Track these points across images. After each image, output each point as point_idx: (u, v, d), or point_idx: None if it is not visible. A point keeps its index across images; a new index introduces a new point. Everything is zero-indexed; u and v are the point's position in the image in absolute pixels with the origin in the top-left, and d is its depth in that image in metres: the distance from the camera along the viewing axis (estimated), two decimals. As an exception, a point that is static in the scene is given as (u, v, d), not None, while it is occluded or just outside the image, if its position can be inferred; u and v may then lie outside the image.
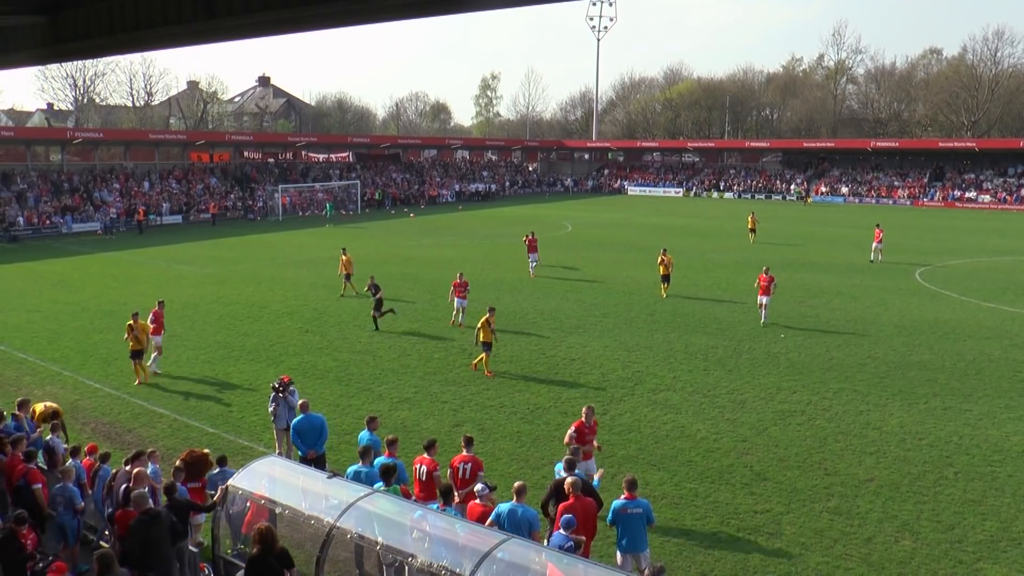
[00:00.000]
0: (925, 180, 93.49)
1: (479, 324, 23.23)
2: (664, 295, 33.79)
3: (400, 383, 22.19)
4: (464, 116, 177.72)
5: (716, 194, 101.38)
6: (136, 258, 46.89)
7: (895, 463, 16.74)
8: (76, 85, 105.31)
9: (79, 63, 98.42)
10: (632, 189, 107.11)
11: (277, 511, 11.19)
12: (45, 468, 13.72)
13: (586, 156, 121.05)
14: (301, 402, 15.55)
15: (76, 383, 22.27)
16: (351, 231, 61.08)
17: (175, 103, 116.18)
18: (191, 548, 11.84)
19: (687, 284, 35.75)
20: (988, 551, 13.21)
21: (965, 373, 23.11)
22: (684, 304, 32.61)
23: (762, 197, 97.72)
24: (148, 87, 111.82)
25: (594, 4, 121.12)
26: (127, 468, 12.27)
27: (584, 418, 14.84)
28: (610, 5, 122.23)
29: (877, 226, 46.06)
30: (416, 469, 12.98)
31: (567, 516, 10.61)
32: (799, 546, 13.38)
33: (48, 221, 61.11)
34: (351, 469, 12.80)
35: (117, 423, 19.21)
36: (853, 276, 39.69)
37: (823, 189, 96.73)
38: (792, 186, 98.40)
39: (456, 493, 12.11)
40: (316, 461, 14.45)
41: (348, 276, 34.69)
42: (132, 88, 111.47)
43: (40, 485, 12.37)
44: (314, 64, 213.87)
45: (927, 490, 15.46)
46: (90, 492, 13.11)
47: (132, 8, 12.46)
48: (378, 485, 11.84)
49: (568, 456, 12.52)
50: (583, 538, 10.82)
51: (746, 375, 22.95)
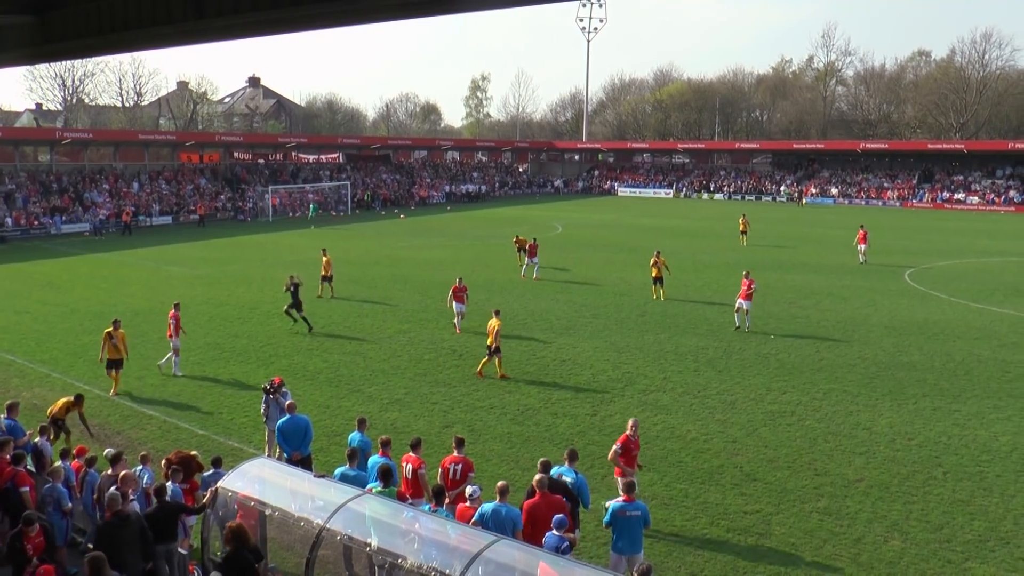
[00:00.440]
0: (914, 181, 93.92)
1: (496, 329, 22.82)
2: (662, 297, 33.56)
3: (390, 384, 22.16)
4: (454, 117, 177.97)
5: (706, 195, 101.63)
6: (126, 259, 46.71)
7: (884, 463, 16.81)
8: (65, 85, 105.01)
9: (68, 63, 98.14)
10: (622, 190, 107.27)
11: (267, 512, 11.17)
12: (34, 471, 13.65)
13: (576, 157, 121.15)
14: (288, 403, 15.47)
15: (65, 385, 22.14)
16: (336, 232, 60.97)
17: (165, 104, 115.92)
18: (181, 551, 11.79)
19: (677, 285, 35.77)
20: (976, 551, 13.27)
21: (954, 374, 23.22)
22: (674, 305, 32.65)
23: (752, 198, 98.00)
24: (138, 87, 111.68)
25: (584, 5, 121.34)
26: (110, 472, 12.28)
27: (630, 432, 14.17)
28: (600, 6, 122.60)
29: (861, 227, 46.10)
30: (403, 467, 13.02)
31: (558, 516, 10.60)
32: (789, 546, 13.42)
33: (37, 222, 60.81)
34: (338, 471, 12.77)
35: (106, 425, 19.13)
36: (843, 277, 39.83)
37: (813, 190, 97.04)
38: (782, 187, 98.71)
39: (447, 494, 12.10)
40: (302, 463, 14.38)
41: (327, 278, 34.23)
42: (121, 88, 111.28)
43: (28, 488, 12.31)
44: (304, 65, 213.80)
45: (916, 490, 15.52)
46: (79, 495, 13.06)
47: (121, 8, 12.43)
48: (374, 485, 11.86)
49: (543, 459, 12.47)
50: (575, 536, 10.82)
51: (736, 376, 23.00)
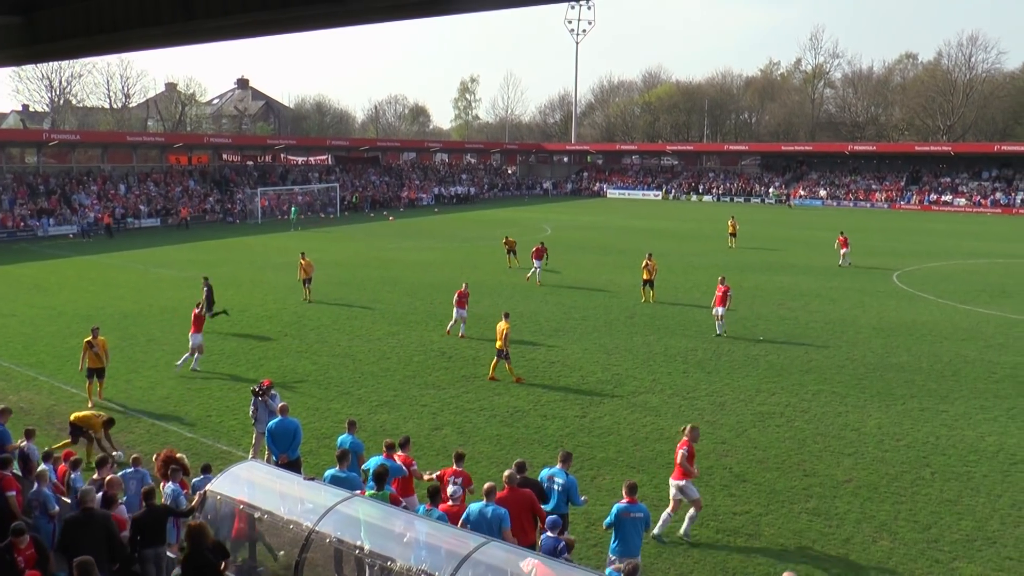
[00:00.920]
0: (902, 183, 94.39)
1: (505, 332, 22.72)
2: (651, 299, 33.56)
3: (379, 386, 22.11)
4: (443, 119, 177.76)
5: (695, 197, 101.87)
6: (114, 261, 46.48)
7: (873, 464, 16.88)
8: (52, 86, 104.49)
9: (55, 64, 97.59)
10: (611, 192, 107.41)
11: (256, 516, 11.13)
12: (20, 475, 13.55)
13: (565, 159, 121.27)
14: (281, 405, 15.42)
15: (52, 388, 22.02)
16: (324, 234, 60.81)
17: (153, 105, 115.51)
18: (169, 555, 11.73)
19: (666, 287, 35.83)
20: (964, 550, 13.34)
21: (942, 375, 23.33)
22: (663, 307, 32.71)
23: (741, 200, 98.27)
24: (125, 89, 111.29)
25: (572, 7, 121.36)
26: (95, 476, 12.26)
27: (691, 438, 13.90)
28: (588, 8, 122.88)
29: (841, 233, 45.89)
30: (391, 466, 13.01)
31: (552, 517, 10.60)
32: (778, 547, 13.46)
33: (23, 224, 60.48)
34: (329, 472, 12.75)
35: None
36: (831, 279, 39.97)
37: (801, 192, 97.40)
38: (771, 189, 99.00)
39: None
40: (290, 466, 14.34)
41: (307, 281, 33.97)
42: (109, 90, 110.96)
43: (14, 492, 12.21)
44: (293, 66, 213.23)
45: (904, 490, 15.59)
46: (68, 500, 12.98)
47: (110, 9, 12.34)
48: (369, 489, 11.87)
49: (519, 460, 12.54)
50: (573, 538, 10.84)
51: (725, 377, 23.05)
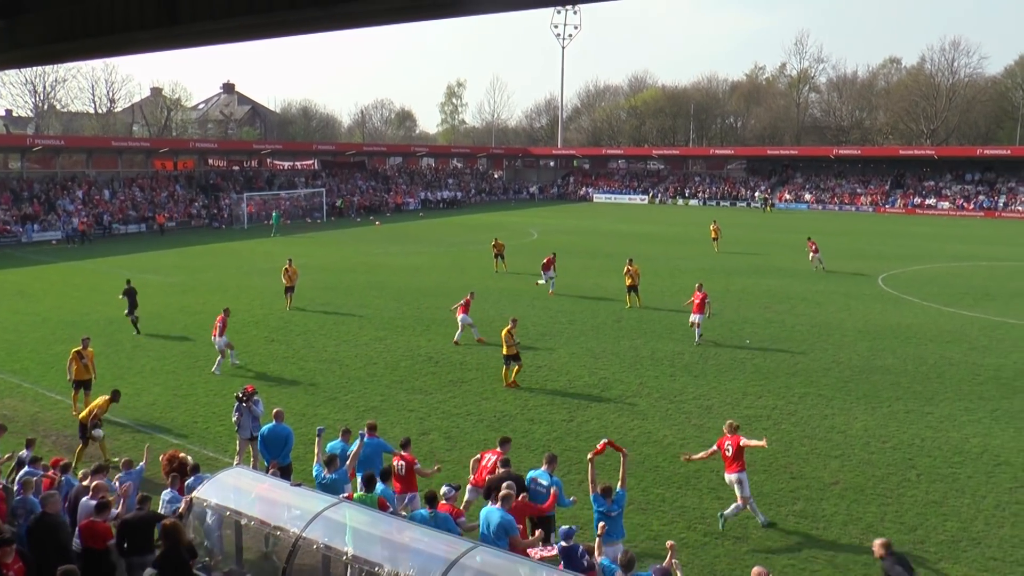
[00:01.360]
0: (887, 187, 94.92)
1: (504, 334, 22.74)
2: (637, 304, 33.27)
3: (366, 392, 22.07)
4: (429, 124, 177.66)
5: (681, 201, 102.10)
6: (99, 267, 46.20)
7: (859, 466, 16.95)
8: (36, 91, 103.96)
9: (39, 69, 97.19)
10: (597, 196, 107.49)
11: (243, 522, 11.09)
12: (5, 484, 13.44)
13: (551, 163, 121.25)
14: (276, 411, 15.44)
15: (36, 395, 21.86)
16: (310, 239, 60.61)
17: (138, 110, 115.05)
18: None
19: (653, 291, 35.88)
20: (949, 551, 13.42)
21: (927, 377, 23.47)
22: (650, 311, 32.75)
23: (727, 204, 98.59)
24: (110, 94, 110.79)
25: (559, 12, 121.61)
26: (83, 483, 12.21)
27: (734, 435, 14.70)
28: (575, 13, 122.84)
29: (809, 239, 45.85)
30: (395, 465, 13.45)
31: (564, 528, 10.82)
32: (765, 549, 13.50)
33: (7, 230, 60.07)
34: (316, 470, 13.00)
35: (78, 436, 18.85)
36: (817, 282, 40.14)
37: (787, 196, 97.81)
38: (756, 193, 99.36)
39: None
40: (282, 472, 14.35)
41: (290, 289, 33.29)
42: (94, 95, 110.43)
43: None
44: (279, 71, 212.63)
45: (891, 492, 15.68)
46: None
47: (94, 13, 12.30)
48: (358, 494, 11.93)
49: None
50: (592, 545, 11.01)
51: (712, 381, 23.11)
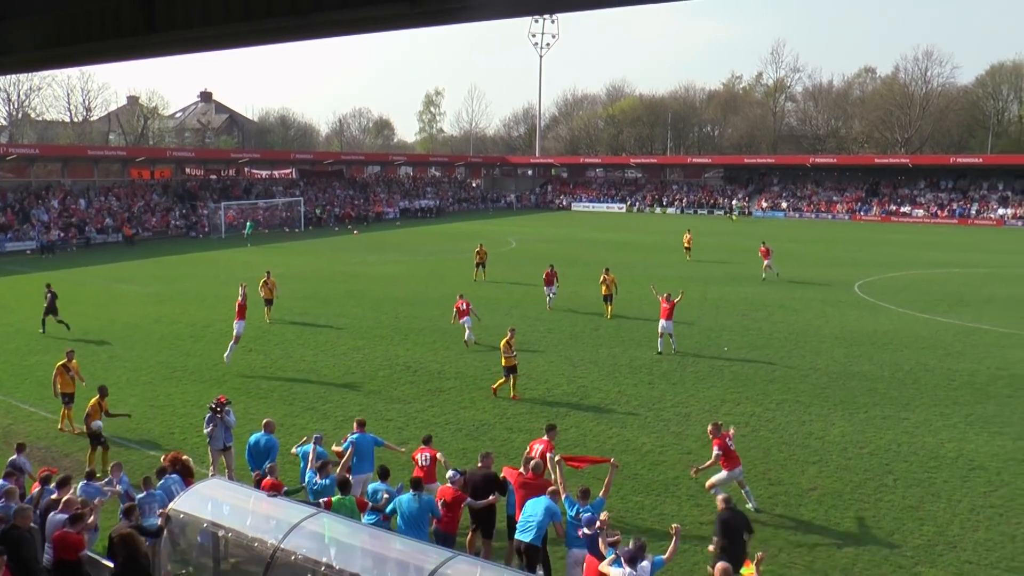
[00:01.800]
0: (862, 195, 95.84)
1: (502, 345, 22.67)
2: (608, 316, 32.94)
3: (345, 402, 21.98)
4: (408, 132, 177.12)
5: (659, 209, 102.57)
6: (75, 277, 45.71)
7: (837, 472, 17.07)
8: (10, 99, 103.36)
9: (12, 77, 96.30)
10: (575, 205, 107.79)
11: (220, 534, 11.00)
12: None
13: (529, 172, 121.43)
14: (265, 421, 15.71)
15: (9, 407, 21.60)
16: (281, 249, 60.34)
17: (115, 118, 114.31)
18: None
19: (631, 299, 35.94)
20: (926, 555, 13.54)
21: (903, 383, 23.68)
22: (628, 319, 32.82)
23: (704, 212, 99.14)
24: (86, 102, 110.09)
25: (536, 21, 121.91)
26: (54, 496, 12.11)
27: (725, 438, 15.14)
28: (552, 22, 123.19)
29: (763, 243, 45.47)
30: (419, 457, 14.31)
31: (588, 515, 11.42)
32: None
33: (-20, 240, 59.44)
34: (309, 476, 13.48)
35: (54, 447, 18.69)
36: (794, 289, 40.41)
37: (764, 204, 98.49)
38: (734, 201, 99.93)
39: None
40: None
41: (269, 301, 32.35)
42: (70, 103, 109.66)
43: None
44: (257, 80, 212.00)
45: (868, 497, 15.79)
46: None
47: (69, 21, 12.20)
48: (336, 498, 12.17)
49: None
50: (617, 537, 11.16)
51: (691, 388, 23.19)
